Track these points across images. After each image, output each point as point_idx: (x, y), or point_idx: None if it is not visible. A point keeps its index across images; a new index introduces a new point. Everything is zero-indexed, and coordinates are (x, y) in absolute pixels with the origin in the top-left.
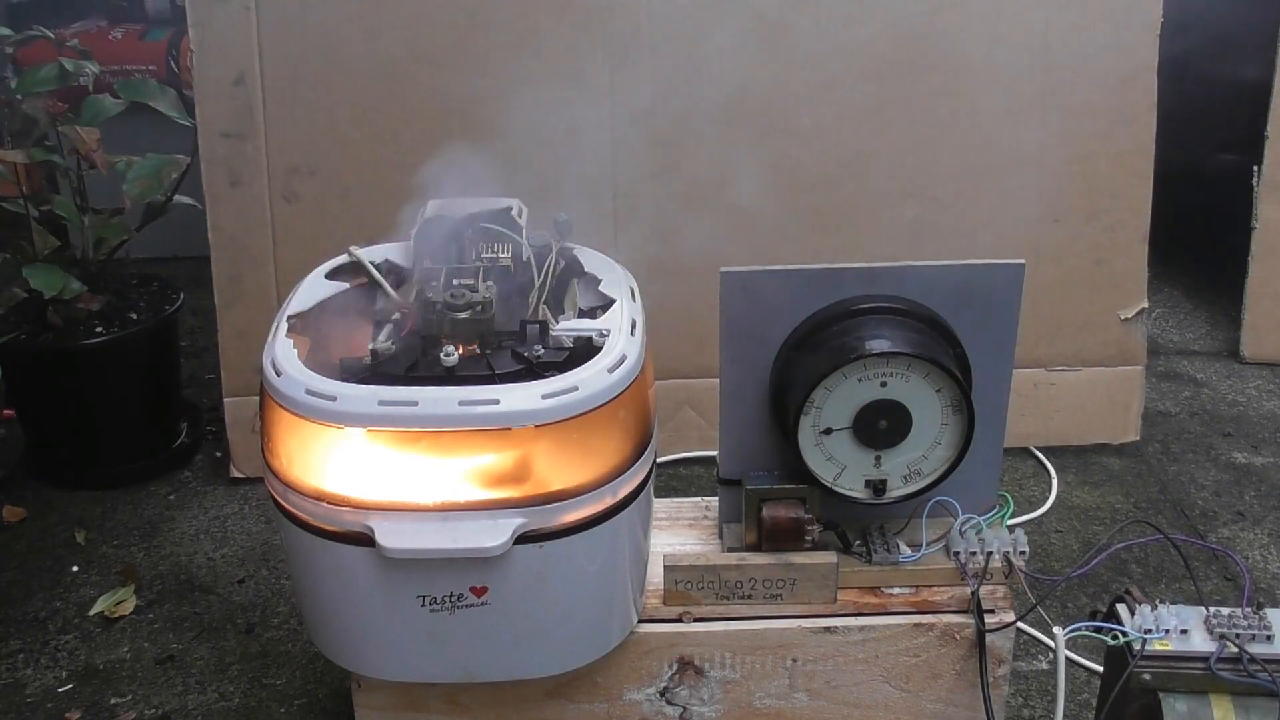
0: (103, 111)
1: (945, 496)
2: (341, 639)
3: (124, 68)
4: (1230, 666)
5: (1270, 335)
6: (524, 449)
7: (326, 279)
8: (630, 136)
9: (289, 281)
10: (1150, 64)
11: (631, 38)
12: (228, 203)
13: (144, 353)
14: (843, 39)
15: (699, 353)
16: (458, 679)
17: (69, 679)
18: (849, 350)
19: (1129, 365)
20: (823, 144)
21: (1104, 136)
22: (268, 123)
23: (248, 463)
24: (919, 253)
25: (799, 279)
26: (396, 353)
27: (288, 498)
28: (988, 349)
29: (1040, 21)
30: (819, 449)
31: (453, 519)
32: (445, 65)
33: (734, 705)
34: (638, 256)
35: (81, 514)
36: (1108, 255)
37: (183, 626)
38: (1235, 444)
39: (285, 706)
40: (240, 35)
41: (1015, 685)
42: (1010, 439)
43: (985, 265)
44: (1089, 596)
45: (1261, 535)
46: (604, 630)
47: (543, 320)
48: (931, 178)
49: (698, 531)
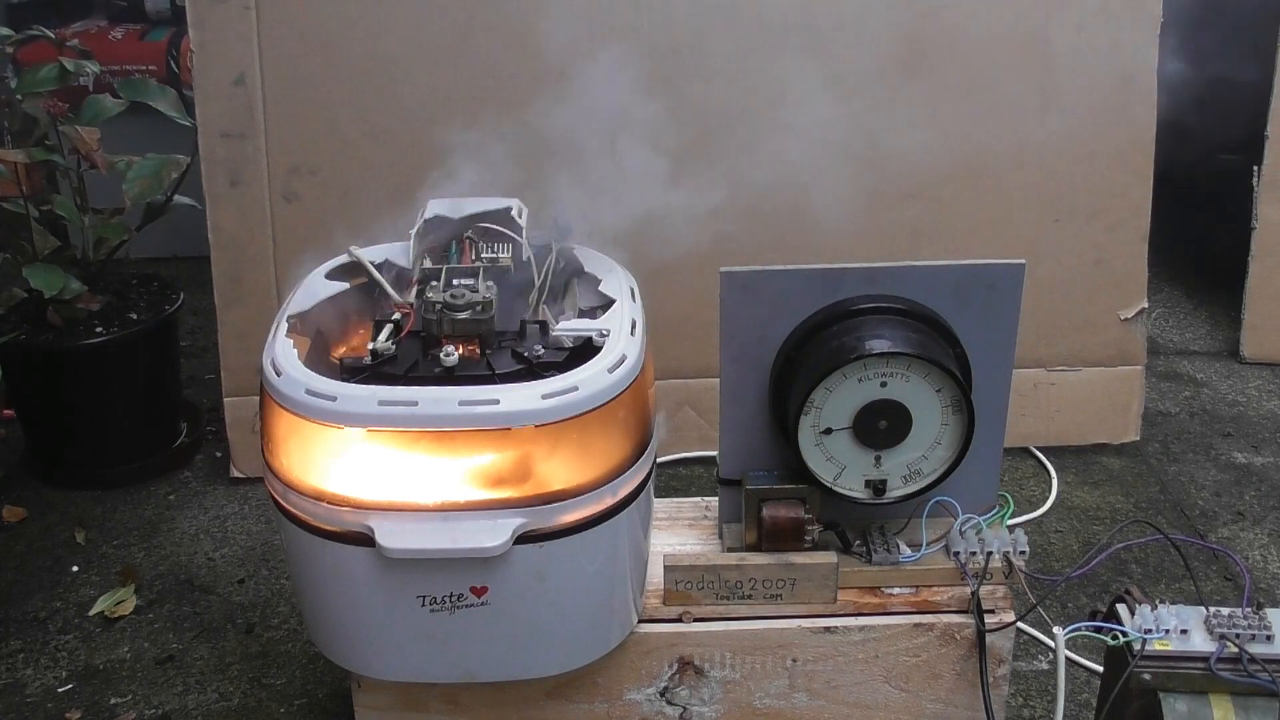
0: (103, 111)
1: (945, 496)
2: (341, 639)
3: (124, 68)
4: (1230, 666)
5: (1270, 335)
6: (524, 449)
7: (326, 279)
8: (630, 136)
9: (289, 281)
10: (1150, 64)
11: (631, 37)
12: (228, 203)
13: (144, 353)
14: (843, 39)
15: (699, 353)
16: (458, 679)
17: (69, 679)
18: (849, 350)
19: (1129, 365)
20: (823, 144)
21: (1104, 136)
22: (268, 123)
23: (248, 463)
24: (919, 253)
25: (799, 279)
26: (396, 353)
27: (288, 498)
28: (988, 349)
29: (1040, 21)
30: (819, 449)
31: (453, 519)
32: (445, 65)
33: (734, 705)
34: (638, 256)
35: (81, 514)
36: (1108, 255)
37: (183, 626)
38: (1235, 444)
39: (285, 706)
40: (240, 35)
41: (1015, 685)
42: (1010, 439)
43: (985, 265)
44: (1089, 596)
45: (1261, 535)
46: (604, 630)
47: (543, 320)
48: (931, 178)
49: (698, 531)
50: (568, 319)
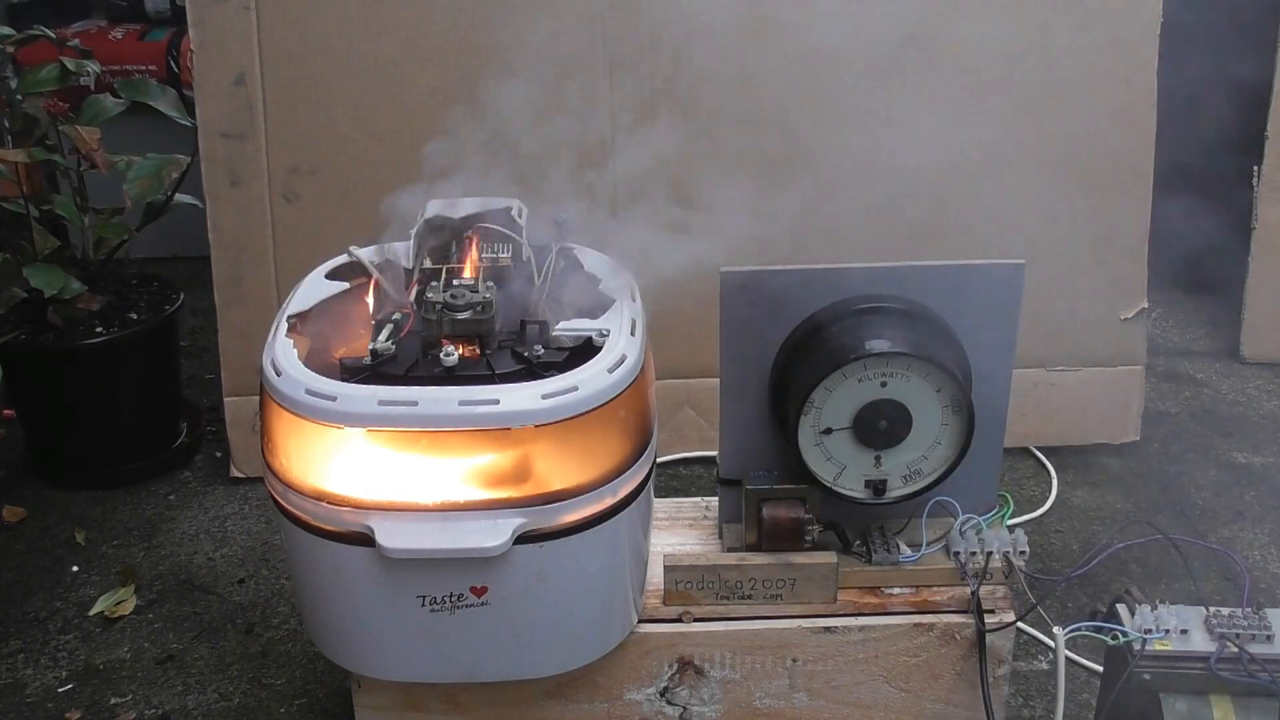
0: (103, 111)
1: (945, 496)
2: (341, 639)
3: (124, 68)
4: (1230, 666)
5: (1270, 335)
6: (524, 449)
7: (326, 279)
8: (630, 136)
9: (289, 281)
10: (1150, 64)
11: (631, 37)
12: (228, 203)
13: (144, 353)
14: (843, 38)
15: (699, 353)
16: (458, 679)
17: (69, 679)
18: (849, 350)
19: (1129, 365)
20: (823, 144)
21: (1104, 136)
22: (268, 123)
23: (248, 463)
24: (919, 253)
25: (799, 279)
26: (396, 353)
27: (288, 498)
28: (988, 349)
29: (1040, 21)
30: (819, 449)
31: (453, 519)
32: (445, 65)
33: (734, 705)
34: (638, 256)
35: (81, 514)
36: (1108, 255)
37: (183, 626)
38: (1235, 444)
39: (285, 706)
40: (240, 35)
41: (1015, 685)
42: (1010, 439)
43: (985, 265)
44: (1089, 596)
45: (1261, 535)
46: (604, 630)
47: (543, 320)
48: (931, 178)
49: (698, 531)
50: (568, 319)
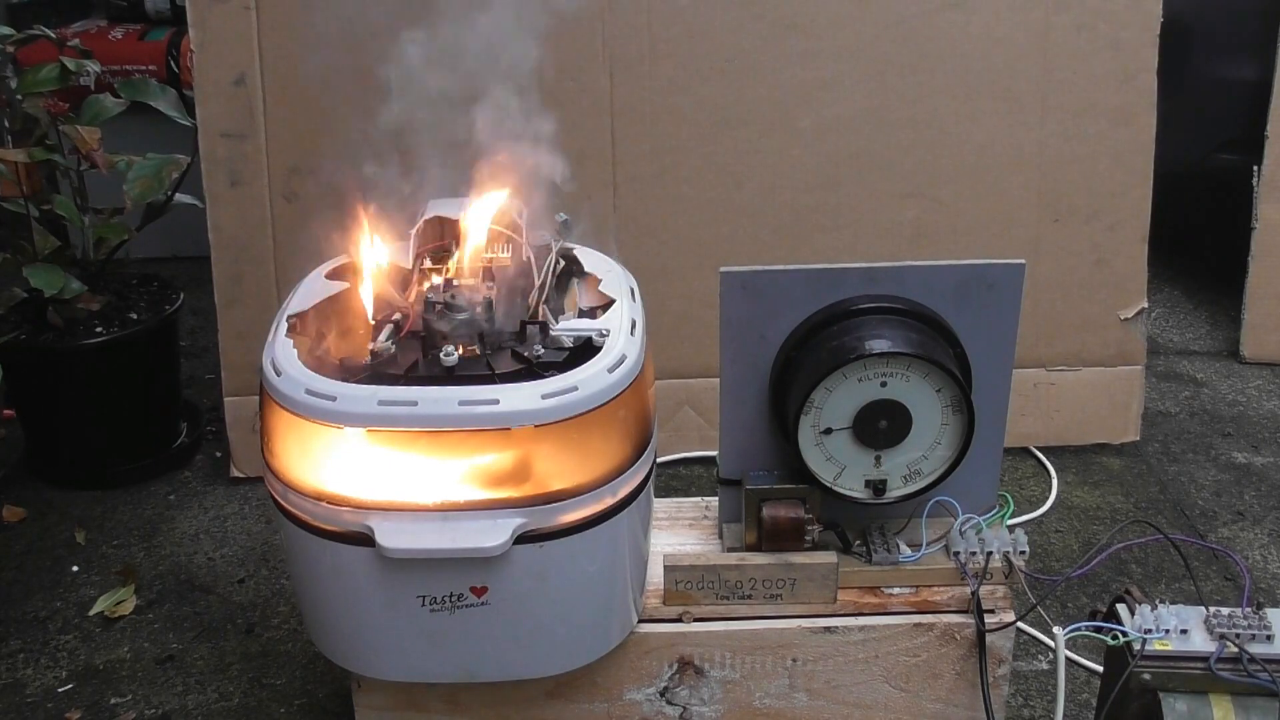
0: (103, 111)
1: (945, 496)
2: (341, 639)
3: (124, 68)
4: (1230, 666)
5: (1270, 335)
6: (524, 449)
7: (326, 279)
8: (631, 136)
9: (289, 281)
10: (1150, 64)
11: (631, 38)
12: (228, 203)
13: (144, 353)
14: (843, 38)
15: (699, 353)
16: (458, 679)
17: (69, 679)
18: (849, 350)
19: (1129, 365)
20: (823, 144)
21: (1104, 136)
22: (268, 123)
23: (248, 463)
24: (919, 253)
25: (799, 279)
26: (396, 353)
27: (288, 498)
28: (988, 349)
29: (1040, 21)
30: (819, 449)
31: (452, 519)
32: (445, 65)
33: (734, 705)
34: (638, 256)
35: (81, 514)
36: (1108, 255)
37: (183, 626)
38: (1235, 444)
39: (285, 706)
40: (240, 35)
41: (1015, 685)
42: (1010, 439)
43: (985, 265)
44: (1089, 596)
45: (1261, 535)
46: (604, 630)
47: (543, 320)
48: (931, 178)
49: (698, 531)
50: (568, 319)
